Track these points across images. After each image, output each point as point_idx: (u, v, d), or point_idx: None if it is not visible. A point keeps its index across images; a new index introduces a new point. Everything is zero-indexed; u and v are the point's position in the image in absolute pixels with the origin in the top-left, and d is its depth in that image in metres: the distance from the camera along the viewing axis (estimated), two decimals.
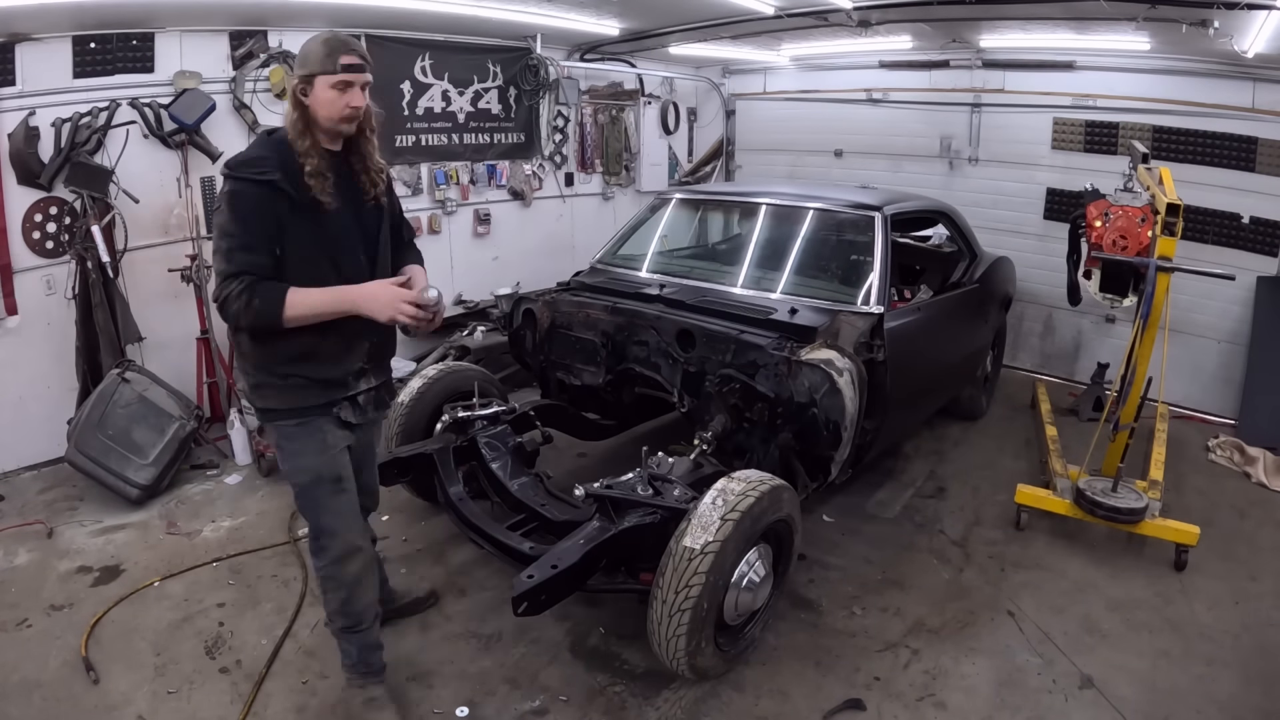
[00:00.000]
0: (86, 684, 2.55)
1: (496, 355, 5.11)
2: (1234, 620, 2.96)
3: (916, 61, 6.05)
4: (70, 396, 4.06)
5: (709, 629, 2.39)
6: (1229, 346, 4.99)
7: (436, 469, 3.17)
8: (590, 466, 4.21)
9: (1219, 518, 3.74)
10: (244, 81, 4.53)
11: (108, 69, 4.07)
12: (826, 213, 3.84)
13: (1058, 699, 2.53)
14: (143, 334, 4.18)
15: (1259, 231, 4.82)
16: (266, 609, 2.99)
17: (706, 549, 2.31)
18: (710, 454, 3.13)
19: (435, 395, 3.58)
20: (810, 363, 2.87)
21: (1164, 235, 3.19)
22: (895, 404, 3.22)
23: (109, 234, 3.97)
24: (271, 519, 3.66)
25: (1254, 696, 2.56)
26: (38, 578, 3.18)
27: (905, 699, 2.55)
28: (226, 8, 4.21)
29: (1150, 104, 5.09)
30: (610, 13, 5.08)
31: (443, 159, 5.67)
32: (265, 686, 2.56)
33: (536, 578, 2.31)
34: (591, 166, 6.84)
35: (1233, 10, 3.43)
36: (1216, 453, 4.48)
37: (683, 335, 3.27)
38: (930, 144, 6.16)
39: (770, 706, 2.52)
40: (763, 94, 7.28)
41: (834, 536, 3.57)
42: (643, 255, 4.18)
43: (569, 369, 3.80)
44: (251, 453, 4.21)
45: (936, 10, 4.55)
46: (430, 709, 2.48)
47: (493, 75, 5.80)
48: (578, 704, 2.52)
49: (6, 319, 3.96)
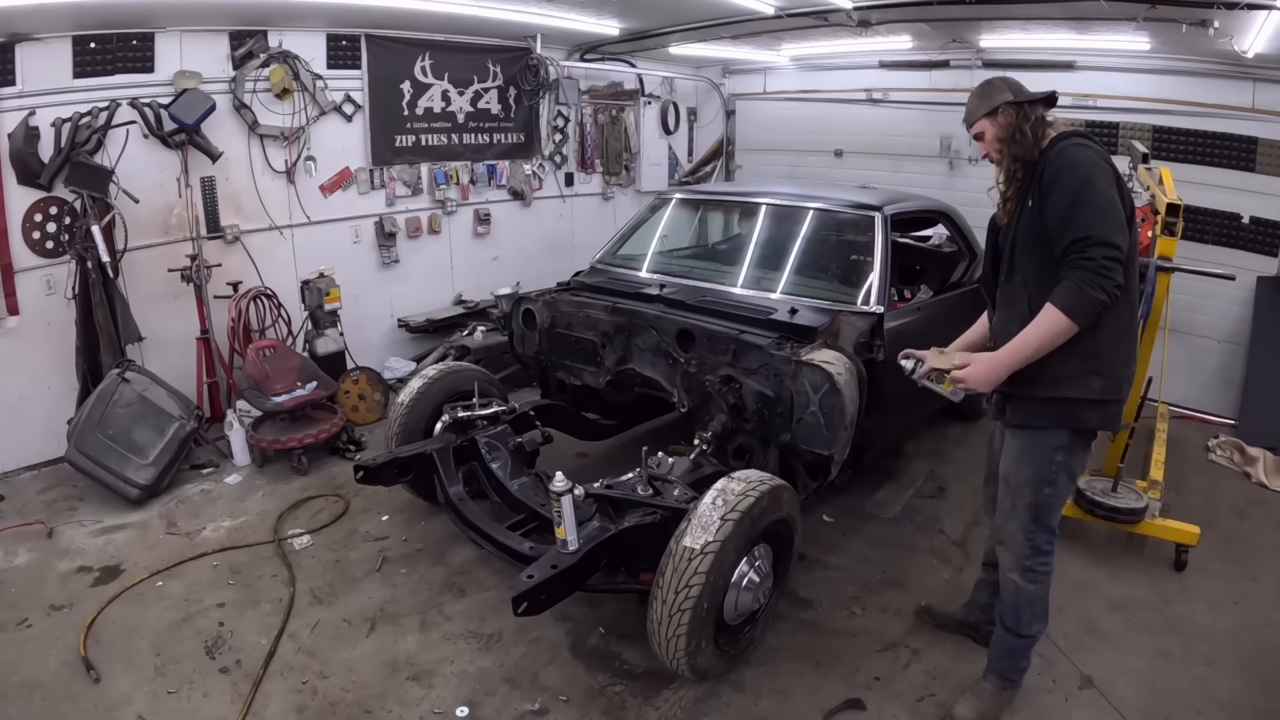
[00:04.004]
0: (86, 684, 2.55)
1: (496, 355, 5.11)
2: (1234, 620, 2.96)
3: (916, 61, 6.05)
4: (70, 396, 4.06)
5: (709, 629, 2.39)
6: (1229, 346, 4.99)
7: (436, 469, 3.17)
8: (590, 466, 4.20)
9: (1219, 518, 3.74)
10: (244, 81, 4.53)
11: (108, 69, 4.07)
12: (826, 213, 3.84)
13: (1058, 699, 2.53)
14: (143, 334, 4.18)
15: (1259, 231, 4.82)
16: (266, 609, 2.98)
17: (706, 549, 2.31)
18: (710, 454, 3.13)
19: (435, 395, 3.59)
20: (810, 363, 2.86)
21: (1164, 235, 3.20)
22: (895, 404, 3.22)
23: (109, 234, 3.96)
24: (271, 519, 3.66)
25: (1254, 696, 2.56)
26: (38, 578, 3.18)
27: (905, 699, 2.55)
28: (226, 8, 4.21)
29: (1150, 104, 5.09)
30: (610, 13, 5.08)
31: (443, 159, 5.68)
32: (265, 686, 2.56)
33: (536, 578, 2.31)
34: (591, 166, 6.84)
35: (1233, 10, 3.43)
36: (1216, 453, 4.48)
37: (683, 335, 3.27)
38: (930, 144, 6.16)
39: (770, 706, 2.52)
40: (763, 94, 7.28)
41: (834, 536, 3.57)
42: (643, 255, 4.18)
43: (569, 369, 3.80)
44: (252, 453, 4.22)
45: (936, 10, 4.55)
46: (430, 709, 2.48)
47: (493, 75, 5.80)
48: (578, 704, 2.52)
49: (7, 319, 3.96)
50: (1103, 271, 1.95)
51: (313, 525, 3.62)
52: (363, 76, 5.09)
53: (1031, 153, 2.15)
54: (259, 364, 4.20)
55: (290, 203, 4.94)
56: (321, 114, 4.93)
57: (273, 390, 4.19)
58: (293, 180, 4.91)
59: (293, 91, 4.73)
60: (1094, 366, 2.12)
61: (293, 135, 4.80)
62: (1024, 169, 2.18)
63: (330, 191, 5.14)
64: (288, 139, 4.79)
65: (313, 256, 5.03)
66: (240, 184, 4.68)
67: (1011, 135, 2.17)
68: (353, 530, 3.59)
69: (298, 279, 4.94)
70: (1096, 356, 2.11)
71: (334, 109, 4.99)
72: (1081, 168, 2.03)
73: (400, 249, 5.57)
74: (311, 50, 4.81)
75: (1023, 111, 2.16)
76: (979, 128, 2.26)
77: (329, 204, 5.15)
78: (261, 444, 4.08)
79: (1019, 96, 2.18)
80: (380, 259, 5.50)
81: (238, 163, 4.62)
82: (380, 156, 5.32)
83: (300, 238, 5.02)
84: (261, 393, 4.17)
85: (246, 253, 4.67)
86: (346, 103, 5.05)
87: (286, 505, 3.79)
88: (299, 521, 3.66)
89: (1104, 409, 2.18)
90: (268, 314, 4.59)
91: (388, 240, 5.46)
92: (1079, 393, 2.14)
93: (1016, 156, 2.17)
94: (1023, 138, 2.16)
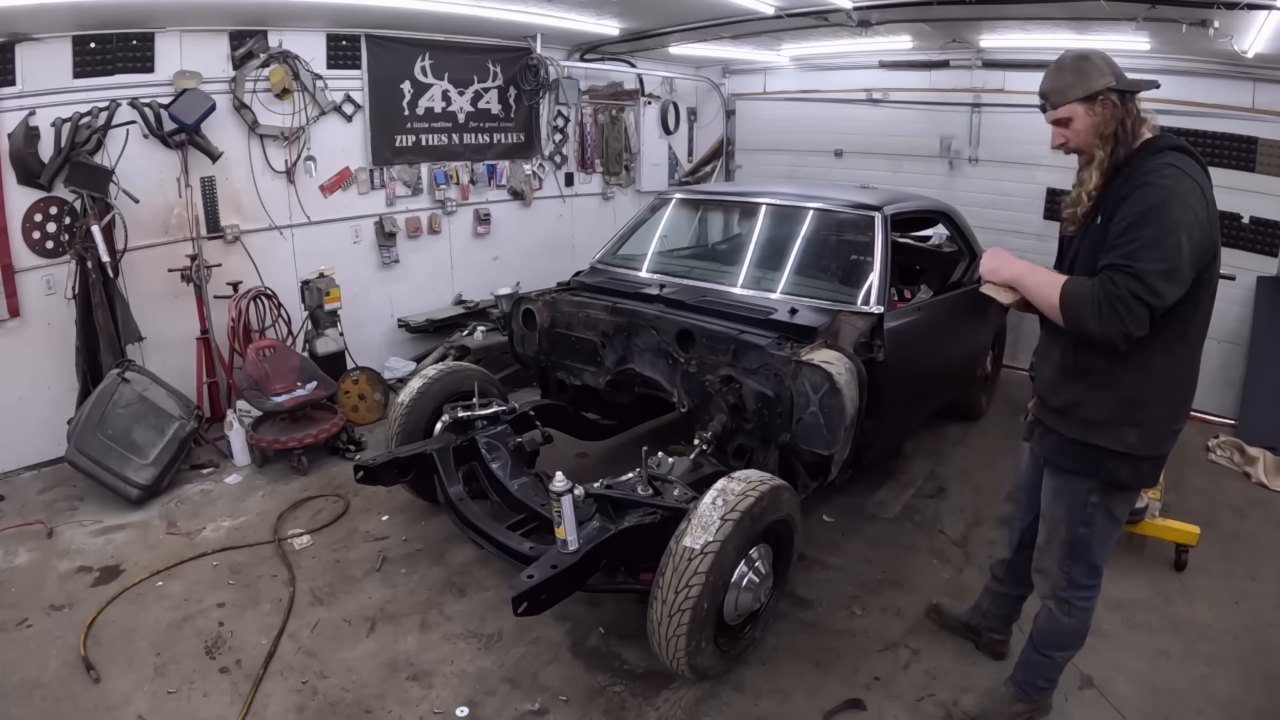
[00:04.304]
0: (86, 684, 2.55)
1: (496, 355, 5.11)
2: (1234, 620, 2.96)
3: (916, 61, 6.05)
4: (70, 396, 4.06)
5: (709, 629, 2.39)
6: (1229, 346, 4.99)
7: (436, 469, 3.18)
8: (590, 466, 4.20)
9: (1219, 518, 3.74)
10: (244, 81, 4.53)
11: (108, 69, 4.07)
12: (826, 213, 3.84)
13: (1058, 699, 2.53)
14: (143, 334, 4.18)
15: (1259, 231, 4.82)
16: (266, 609, 2.98)
17: (706, 549, 2.31)
18: (710, 454, 3.13)
19: (435, 395, 3.58)
20: (810, 363, 2.86)
21: None
22: (895, 404, 3.22)
23: (109, 234, 3.96)
24: (271, 519, 3.66)
25: (1254, 696, 2.56)
26: (38, 578, 3.18)
27: (905, 699, 2.55)
28: (226, 8, 4.21)
29: (1150, 104, 5.06)
30: (610, 13, 5.07)
31: (443, 159, 5.67)
32: (265, 686, 2.56)
33: (536, 578, 2.31)
34: (591, 166, 6.84)
35: (1233, 10, 3.43)
36: (1216, 453, 4.47)
37: (683, 335, 3.27)
38: (930, 144, 6.16)
39: (770, 706, 2.52)
40: (763, 94, 7.28)
41: (834, 536, 3.57)
42: (643, 255, 4.18)
43: (569, 369, 3.80)
44: (252, 453, 4.22)
45: (936, 10, 4.55)
46: (430, 709, 2.48)
47: (493, 75, 5.80)
48: (578, 704, 2.52)
49: (7, 319, 3.95)
50: (1121, 307, 1.68)
51: (313, 525, 3.62)
52: (363, 76, 5.08)
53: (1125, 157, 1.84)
54: (259, 364, 4.20)
55: (290, 203, 4.94)
56: (321, 114, 4.93)
57: (273, 390, 4.19)
58: (293, 180, 4.91)
59: (293, 91, 4.73)
60: (1133, 417, 1.87)
61: (293, 135, 4.80)
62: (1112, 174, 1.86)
63: (330, 191, 5.14)
64: (288, 139, 4.79)
65: (313, 256, 5.03)
66: (240, 184, 4.68)
67: (1114, 131, 1.84)
68: (353, 530, 3.59)
69: (298, 279, 4.94)
70: (1139, 407, 1.86)
71: (334, 109, 4.99)
72: (1164, 191, 1.72)
73: (400, 249, 5.57)
74: (311, 50, 4.81)
75: (1127, 104, 1.85)
76: (1068, 111, 1.88)
77: (329, 204, 5.14)
78: (261, 444, 4.09)
79: (1123, 84, 1.84)
80: (380, 259, 5.50)
81: (238, 163, 4.62)
82: (380, 156, 5.32)
83: (300, 238, 5.02)
84: (261, 393, 4.17)
85: (246, 253, 4.67)
86: (346, 103, 5.05)
87: (286, 505, 3.79)
88: (299, 521, 3.66)
89: (1137, 465, 1.93)
90: (268, 314, 4.59)
91: (388, 240, 5.46)
92: (1109, 443, 1.90)
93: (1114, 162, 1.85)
94: (1125, 136, 1.84)
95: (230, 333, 4.45)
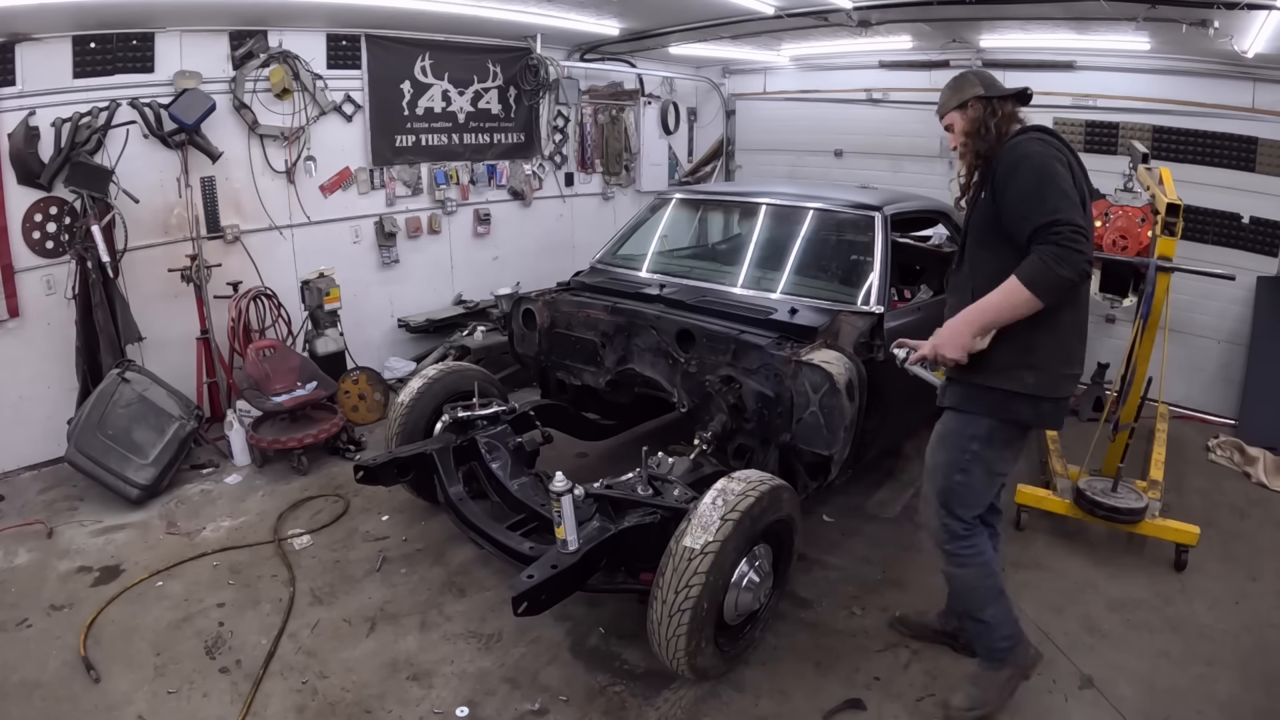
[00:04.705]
0: (86, 684, 2.55)
1: (496, 355, 5.11)
2: (1234, 620, 2.96)
3: (916, 61, 6.05)
4: (70, 396, 4.06)
5: (709, 629, 2.39)
6: (1229, 346, 4.99)
7: (436, 469, 3.18)
8: (590, 466, 4.21)
9: (1219, 518, 3.74)
10: (244, 81, 4.53)
11: (108, 69, 4.07)
12: (826, 213, 3.84)
13: (1058, 699, 2.53)
14: (143, 334, 4.18)
15: (1259, 231, 4.82)
16: (266, 609, 2.98)
17: (706, 549, 2.31)
18: (710, 454, 3.13)
19: (435, 395, 3.59)
20: (810, 363, 2.86)
21: (1164, 235, 3.20)
22: (895, 404, 3.22)
23: (109, 234, 3.96)
24: (271, 519, 3.66)
25: (1254, 696, 2.56)
26: (38, 578, 3.18)
27: (905, 699, 2.55)
28: (226, 8, 4.21)
29: (1150, 104, 5.09)
30: (610, 13, 5.08)
31: (443, 159, 5.68)
32: (265, 686, 2.56)
33: (536, 578, 2.31)
34: (591, 166, 6.84)
35: (1233, 10, 3.43)
36: (1216, 453, 4.48)
37: (683, 335, 3.27)
38: (930, 144, 6.14)
39: (770, 706, 2.52)
40: (763, 94, 7.28)
41: (834, 536, 3.57)
42: (643, 255, 4.17)
43: (569, 369, 3.80)
44: (252, 453, 4.22)
45: (936, 10, 4.55)
46: (430, 709, 2.48)
47: (493, 75, 5.80)
48: (578, 704, 2.52)
49: (7, 319, 3.95)
50: (1072, 245, 1.92)
51: (313, 525, 3.62)
52: (363, 76, 5.09)
53: (995, 148, 2.17)
54: (259, 364, 4.20)
55: (290, 203, 4.94)
56: (321, 114, 4.93)
57: (273, 390, 4.19)
58: (293, 180, 4.91)
59: (293, 91, 4.73)
60: (1028, 360, 2.12)
61: (293, 135, 4.80)
62: (985, 163, 2.19)
63: (330, 191, 5.14)
64: (288, 139, 4.79)
65: (313, 256, 5.03)
66: (240, 184, 4.68)
67: (977, 130, 2.20)
68: (353, 530, 3.59)
69: (298, 279, 4.94)
70: (1031, 350, 2.11)
71: (334, 109, 4.99)
72: (1038, 158, 2.04)
73: (400, 249, 5.57)
74: (311, 50, 4.81)
75: (991, 106, 2.20)
76: (949, 119, 2.30)
77: (329, 204, 5.15)
78: (261, 444, 4.09)
79: (990, 91, 2.21)
80: (380, 259, 5.50)
81: (238, 163, 4.62)
82: (380, 156, 5.32)
83: (300, 238, 5.02)
84: (261, 393, 4.17)
85: (246, 253, 4.67)
86: (346, 103, 5.05)
87: (286, 505, 3.79)
88: (299, 521, 3.66)
89: (1036, 405, 2.17)
90: (268, 314, 4.59)
91: (388, 240, 5.46)
92: (1011, 385, 2.14)
93: (979, 152, 2.20)
94: (987, 133, 2.18)
95: (230, 333, 4.46)
